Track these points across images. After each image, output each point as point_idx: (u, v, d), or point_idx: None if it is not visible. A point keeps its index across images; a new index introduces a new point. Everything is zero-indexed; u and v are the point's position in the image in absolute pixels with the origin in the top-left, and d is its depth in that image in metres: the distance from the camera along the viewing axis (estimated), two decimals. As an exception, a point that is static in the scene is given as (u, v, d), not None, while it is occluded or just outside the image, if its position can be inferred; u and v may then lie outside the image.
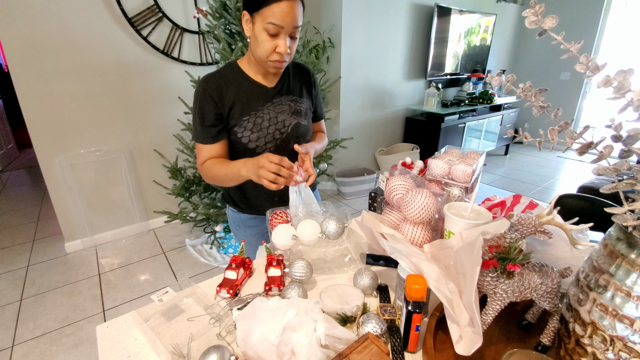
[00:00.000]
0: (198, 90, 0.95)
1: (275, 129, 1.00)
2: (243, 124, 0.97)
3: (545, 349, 0.59)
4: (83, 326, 1.77)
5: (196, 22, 2.45)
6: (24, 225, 2.81)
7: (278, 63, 0.91)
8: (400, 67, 3.62)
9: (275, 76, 1.02)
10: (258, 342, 0.55)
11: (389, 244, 0.66)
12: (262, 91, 1.00)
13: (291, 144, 1.02)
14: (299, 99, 1.06)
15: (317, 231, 0.80)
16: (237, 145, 1.00)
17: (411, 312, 0.57)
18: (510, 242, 0.57)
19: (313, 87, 1.12)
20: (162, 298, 0.71)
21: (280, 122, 1.01)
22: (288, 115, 1.02)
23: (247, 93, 0.98)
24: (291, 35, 0.89)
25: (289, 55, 0.91)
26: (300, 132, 1.04)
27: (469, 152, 0.99)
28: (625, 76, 0.40)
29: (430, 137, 3.65)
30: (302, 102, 1.06)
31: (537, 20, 0.45)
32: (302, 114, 1.05)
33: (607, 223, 0.50)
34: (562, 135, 0.49)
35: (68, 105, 2.18)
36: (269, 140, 0.99)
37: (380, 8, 3.17)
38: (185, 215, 2.25)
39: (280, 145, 1.02)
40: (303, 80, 1.09)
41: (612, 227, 0.48)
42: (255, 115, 0.98)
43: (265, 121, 0.99)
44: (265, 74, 1.00)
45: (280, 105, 1.01)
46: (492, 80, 0.56)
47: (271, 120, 0.99)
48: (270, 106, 1.00)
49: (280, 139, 1.01)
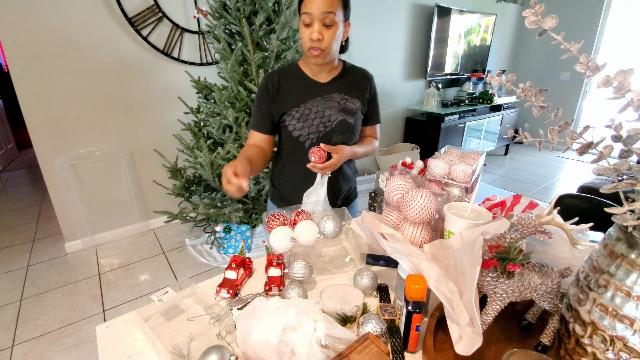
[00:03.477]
0: (261, 84, 1.07)
1: (320, 122, 1.05)
2: (292, 114, 1.05)
3: (545, 349, 0.59)
4: (83, 326, 1.77)
5: (196, 22, 2.45)
6: (24, 225, 2.81)
7: (314, 50, 0.96)
8: (400, 67, 3.62)
9: (328, 74, 1.08)
10: (258, 342, 0.55)
11: (389, 244, 0.66)
12: (315, 86, 1.07)
13: (334, 139, 1.07)
14: (350, 98, 1.09)
15: (314, 232, 0.80)
16: (284, 133, 1.09)
17: (411, 312, 0.57)
18: (510, 242, 0.57)
19: (368, 92, 1.13)
20: (162, 298, 0.71)
21: (327, 116, 1.06)
22: (335, 111, 1.06)
23: (301, 87, 1.06)
24: (324, 22, 0.93)
25: (321, 42, 0.94)
26: (344, 129, 1.08)
27: (469, 152, 0.99)
28: (625, 76, 0.40)
29: (430, 137, 3.65)
30: (353, 102, 1.09)
31: (537, 20, 0.45)
32: (350, 113, 1.08)
33: (607, 223, 0.50)
34: (562, 135, 0.49)
35: (68, 105, 2.18)
36: (312, 131, 1.06)
37: (380, 8, 3.17)
38: (185, 215, 2.25)
39: (323, 138, 1.07)
40: (359, 82, 1.12)
41: (612, 227, 0.48)
42: (304, 107, 1.05)
43: (312, 113, 1.05)
44: (319, 72, 1.07)
45: (330, 101, 1.07)
46: (492, 80, 0.56)
47: (318, 114, 1.05)
48: (320, 100, 1.06)
49: (324, 132, 1.06)
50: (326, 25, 0.93)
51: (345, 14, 0.97)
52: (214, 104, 2.20)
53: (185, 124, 2.33)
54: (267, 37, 2.10)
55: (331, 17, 0.92)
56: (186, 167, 2.37)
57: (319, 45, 0.95)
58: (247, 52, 2.02)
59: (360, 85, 1.12)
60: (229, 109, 1.99)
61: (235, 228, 2.34)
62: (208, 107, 2.22)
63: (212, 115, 2.17)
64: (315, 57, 0.97)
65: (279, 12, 2.09)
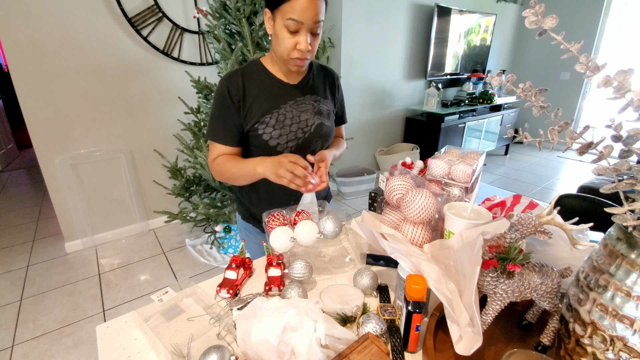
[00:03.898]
0: (220, 89, 0.93)
1: (298, 128, 0.97)
2: (265, 121, 0.94)
3: (545, 349, 0.59)
4: (83, 326, 1.77)
5: (196, 22, 2.45)
6: (24, 225, 2.81)
7: (299, 61, 0.88)
8: (400, 67, 3.62)
9: (298, 74, 1.00)
10: (258, 342, 0.55)
11: (389, 244, 0.66)
12: (285, 89, 0.98)
13: (313, 144, 1.01)
14: (322, 99, 1.04)
15: (314, 232, 0.80)
16: (257, 143, 0.96)
17: (411, 312, 0.57)
18: (510, 242, 0.57)
19: (337, 91, 1.10)
20: (162, 298, 0.71)
21: (304, 121, 0.98)
22: (311, 115, 1.00)
23: (270, 90, 0.96)
24: (312, 31, 0.85)
25: (310, 53, 0.87)
26: (323, 133, 1.02)
27: (469, 152, 0.99)
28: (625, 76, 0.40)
29: (430, 137, 3.65)
30: (325, 103, 1.04)
31: (537, 20, 0.44)
32: (324, 115, 1.03)
33: (607, 223, 0.50)
34: (562, 135, 0.49)
35: (68, 105, 2.18)
36: (291, 138, 0.97)
37: (380, 8, 3.17)
38: (185, 215, 2.25)
39: (303, 145, 0.99)
40: (327, 81, 1.07)
41: (612, 227, 0.48)
42: (278, 112, 0.95)
43: (288, 119, 0.96)
44: (287, 72, 0.98)
45: (304, 104, 0.99)
46: (492, 80, 0.56)
47: (294, 119, 0.97)
48: (294, 104, 0.98)
49: (303, 138, 0.98)
50: (314, 34, 0.86)
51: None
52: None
53: (185, 124, 2.33)
54: (267, 37, 2.10)
55: (319, 26, 0.86)
56: (186, 167, 2.37)
57: (307, 56, 0.87)
58: (247, 52, 2.02)
59: (330, 85, 1.07)
60: (229, 109, 1.99)
61: (235, 228, 2.34)
62: (208, 107, 2.22)
63: (212, 115, 2.17)
64: (299, 66, 0.90)
65: (279, 12, 2.08)
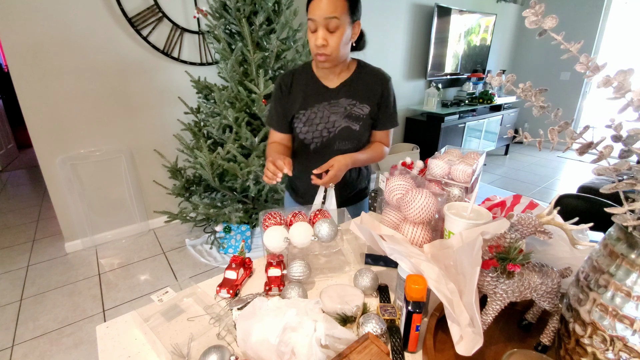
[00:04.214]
0: (276, 83, 1.11)
1: (324, 127, 1.07)
2: (299, 117, 1.08)
3: (545, 349, 0.59)
4: (83, 326, 1.77)
5: (196, 22, 2.45)
6: (24, 225, 2.81)
7: (319, 56, 0.97)
8: (400, 67, 3.62)
9: (337, 78, 1.07)
10: (258, 342, 0.55)
11: (389, 245, 0.66)
12: (322, 90, 1.07)
13: (337, 144, 1.09)
14: (359, 103, 1.07)
15: (309, 234, 0.79)
16: (294, 134, 1.13)
17: (411, 312, 0.57)
18: (510, 242, 0.57)
19: (381, 96, 1.09)
20: (162, 298, 0.71)
21: (331, 122, 1.07)
22: (340, 117, 1.07)
23: (309, 90, 1.08)
24: (327, 27, 0.92)
25: (325, 47, 0.94)
26: (347, 136, 1.08)
27: (469, 152, 0.99)
28: (625, 76, 0.40)
29: (430, 137, 3.65)
30: (361, 107, 1.07)
31: (537, 20, 0.44)
32: (356, 119, 1.07)
33: (607, 223, 0.50)
34: (562, 135, 0.49)
35: (68, 105, 2.18)
36: (316, 136, 1.08)
37: (380, 8, 3.17)
38: (185, 215, 2.25)
39: (327, 143, 1.09)
40: (371, 86, 1.08)
41: (612, 227, 0.48)
42: (310, 111, 1.07)
43: (317, 118, 1.07)
44: (329, 74, 1.07)
45: (337, 106, 1.07)
46: (492, 80, 0.56)
47: (322, 119, 1.07)
48: (327, 105, 1.07)
49: (327, 137, 1.08)
50: (330, 30, 0.92)
51: (353, 16, 0.95)
52: (214, 104, 2.20)
53: (185, 124, 2.33)
54: (267, 37, 2.10)
55: (335, 22, 0.91)
56: (186, 167, 2.37)
57: (324, 51, 0.95)
58: (247, 52, 2.02)
59: (371, 88, 1.08)
60: (229, 109, 1.99)
61: (235, 228, 2.34)
62: (208, 107, 2.22)
63: (212, 115, 2.17)
64: (321, 62, 0.98)
65: (279, 12, 2.09)
